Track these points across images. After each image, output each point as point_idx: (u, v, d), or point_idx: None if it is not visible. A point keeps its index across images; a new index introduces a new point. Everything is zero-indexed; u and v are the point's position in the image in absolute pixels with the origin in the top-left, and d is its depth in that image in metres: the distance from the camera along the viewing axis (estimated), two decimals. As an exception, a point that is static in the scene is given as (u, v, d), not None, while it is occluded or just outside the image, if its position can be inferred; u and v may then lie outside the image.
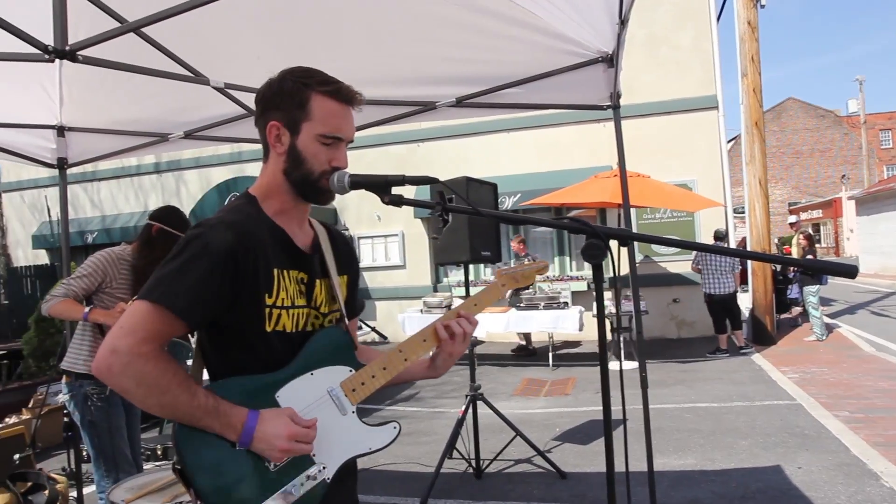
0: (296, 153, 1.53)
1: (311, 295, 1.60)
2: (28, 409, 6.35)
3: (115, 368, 1.34)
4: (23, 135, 3.99)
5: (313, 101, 1.53)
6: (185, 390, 1.37)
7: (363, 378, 1.58)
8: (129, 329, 1.37)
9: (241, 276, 1.43)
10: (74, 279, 3.36)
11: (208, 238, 1.42)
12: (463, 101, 3.70)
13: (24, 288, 13.21)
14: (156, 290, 1.39)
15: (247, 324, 1.47)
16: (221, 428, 1.39)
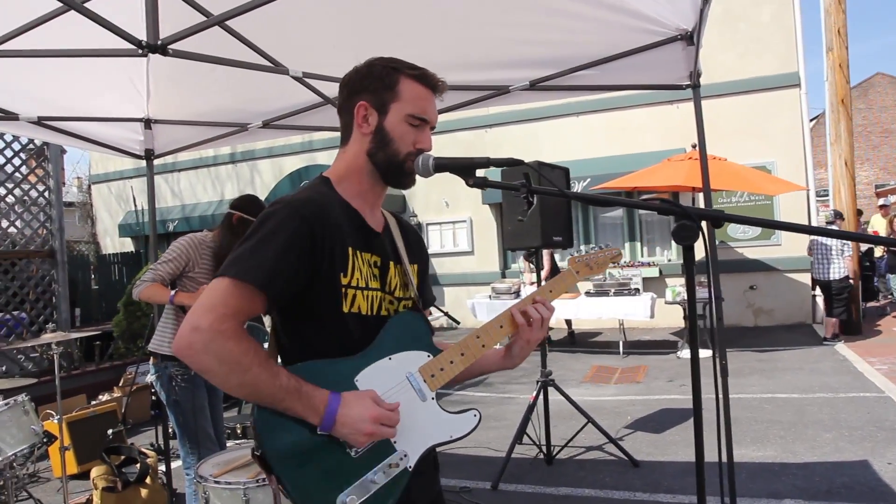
0: (383, 133, 1.55)
1: (384, 279, 1.59)
2: (118, 387, 6.72)
3: (196, 346, 1.31)
4: (114, 128, 4.20)
5: (402, 83, 1.55)
6: (268, 370, 1.34)
7: (442, 364, 1.56)
8: (209, 306, 1.34)
9: (317, 251, 1.42)
10: (161, 264, 3.51)
11: (284, 214, 1.42)
12: (537, 85, 3.65)
13: (112, 274, 13.97)
14: (234, 266, 1.37)
15: (324, 304, 1.46)
16: (304, 410, 1.35)
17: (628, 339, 9.60)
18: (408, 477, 1.46)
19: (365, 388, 1.44)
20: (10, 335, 7.03)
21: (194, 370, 1.35)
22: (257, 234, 1.40)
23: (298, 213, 1.42)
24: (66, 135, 4.09)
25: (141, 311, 7.96)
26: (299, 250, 1.39)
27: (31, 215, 7.54)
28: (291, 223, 1.40)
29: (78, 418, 5.21)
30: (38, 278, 7.53)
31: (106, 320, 10.16)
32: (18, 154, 7.60)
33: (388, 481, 1.42)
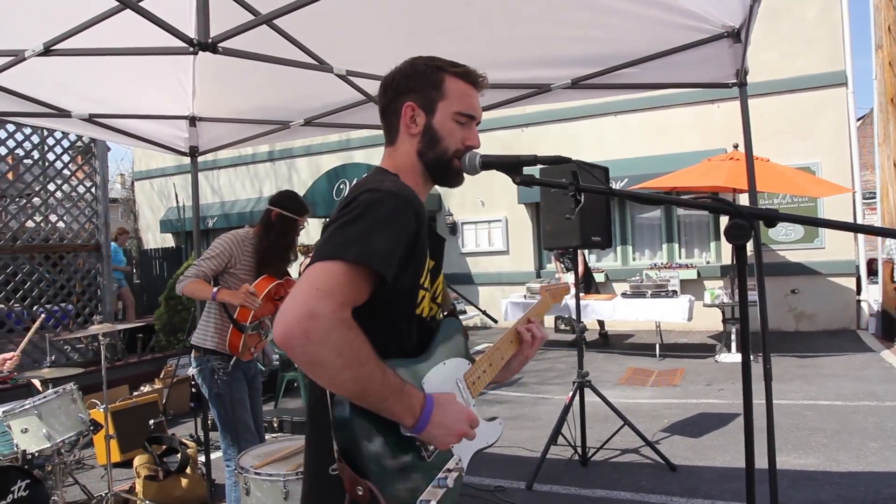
0: (432, 132, 1.55)
1: (434, 282, 1.58)
2: (159, 379, 6.88)
3: (314, 335, 1.18)
4: (160, 125, 4.30)
5: (447, 81, 1.55)
6: (380, 365, 1.26)
7: (478, 373, 1.61)
8: (327, 291, 1.22)
9: (416, 245, 1.39)
10: (203, 260, 3.54)
11: (396, 203, 1.36)
12: (578, 83, 3.63)
13: (153, 269, 14.30)
14: (351, 249, 1.26)
15: (401, 302, 1.42)
16: (402, 410, 1.30)
17: (665, 341, 9.47)
18: (461, 482, 1.49)
19: (430, 391, 1.41)
20: (57, 326, 7.25)
21: (299, 362, 1.22)
22: (367, 218, 1.31)
23: (411, 205, 1.38)
24: (115, 132, 4.20)
25: (182, 305, 8.13)
26: (406, 241, 1.35)
27: (78, 210, 7.76)
28: (405, 214, 1.36)
29: (121, 408, 5.35)
30: (84, 271, 7.76)
31: (147, 314, 10.41)
32: (67, 151, 7.83)
33: (452, 484, 1.44)
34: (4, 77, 3.18)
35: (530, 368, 8.65)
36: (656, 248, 11.92)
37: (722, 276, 10.63)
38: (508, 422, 6.12)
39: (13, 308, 7.06)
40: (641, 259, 12.02)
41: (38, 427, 3.71)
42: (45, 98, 3.69)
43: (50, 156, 7.62)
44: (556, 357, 9.43)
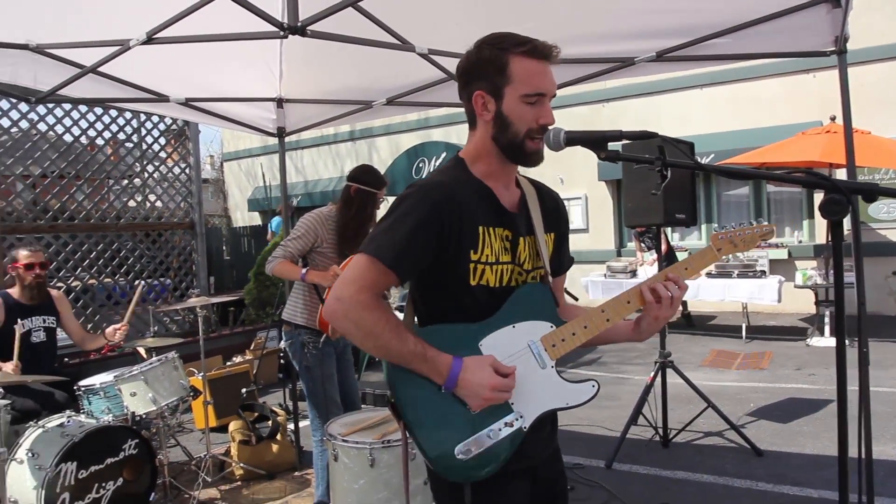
0: (502, 118, 1.59)
1: (515, 251, 1.65)
2: (250, 350, 7.24)
3: (339, 314, 1.51)
4: (250, 107, 4.49)
5: (512, 63, 1.57)
6: (396, 336, 1.50)
7: (563, 335, 1.62)
8: (350, 279, 1.53)
9: (445, 232, 1.53)
10: (290, 240, 3.62)
11: (416, 198, 1.55)
12: (664, 56, 3.52)
13: (242, 245, 14.95)
14: (371, 245, 1.54)
15: (452, 277, 1.58)
16: (429, 372, 1.51)
17: (752, 323, 9.13)
18: (522, 437, 1.55)
19: (487, 353, 1.55)
20: (157, 299, 7.73)
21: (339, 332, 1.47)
22: (392, 216, 1.56)
23: (429, 197, 1.55)
24: (209, 114, 4.42)
25: (270, 280, 8.49)
26: (426, 233, 1.52)
27: (174, 190, 8.20)
28: (422, 207, 1.54)
29: (217, 376, 5.67)
30: (180, 248, 8.22)
31: (237, 288, 10.92)
32: (164, 134, 8.28)
33: (503, 438, 1.52)
34: (110, 65, 3.40)
35: (610, 348, 8.54)
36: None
37: (815, 255, 10.09)
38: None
39: (118, 282, 7.58)
40: (728, 238, 11.56)
41: (145, 391, 4.00)
42: (146, 84, 3.92)
43: (147, 139, 8.08)
44: (636, 337, 9.26)
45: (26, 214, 6.74)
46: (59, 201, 7.13)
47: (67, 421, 3.71)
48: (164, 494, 4.08)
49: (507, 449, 1.53)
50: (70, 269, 7.03)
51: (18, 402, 3.90)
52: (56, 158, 7.05)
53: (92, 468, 3.55)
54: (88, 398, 4.08)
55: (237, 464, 4.45)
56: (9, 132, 6.60)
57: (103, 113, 7.33)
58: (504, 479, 1.55)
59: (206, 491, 4.21)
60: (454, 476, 1.53)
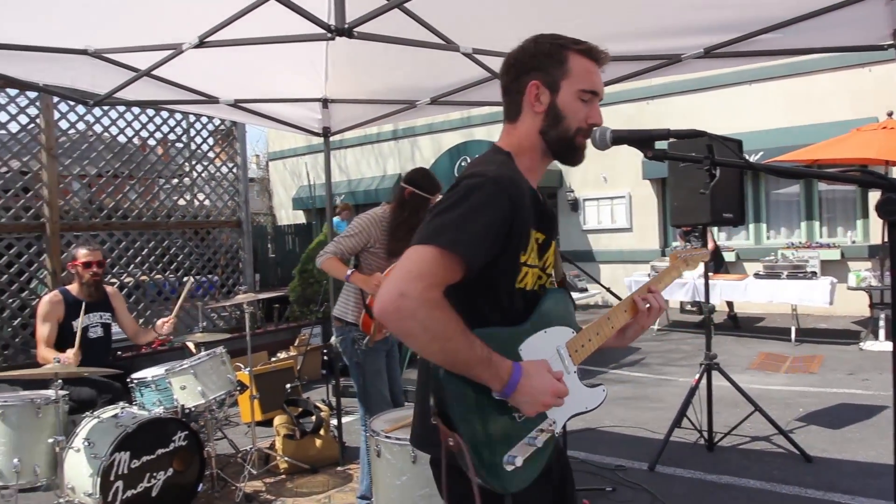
0: (556, 111, 1.57)
1: (543, 255, 1.62)
2: (294, 346, 7.37)
3: (403, 312, 1.34)
4: (296, 108, 4.57)
5: (571, 59, 1.56)
6: (466, 339, 1.37)
7: (583, 341, 1.64)
8: (416, 274, 1.36)
9: (513, 230, 1.46)
10: (343, 238, 3.66)
11: (492, 191, 1.44)
12: (712, 52, 3.46)
13: (286, 243, 15.22)
14: (442, 236, 1.39)
15: (502, 278, 1.51)
16: (489, 377, 1.40)
17: (801, 326, 8.89)
18: (554, 441, 1.56)
19: (527, 359, 1.49)
20: (205, 296, 7.93)
21: (394, 334, 1.38)
22: (464, 205, 1.42)
23: (506, 192, 1.45)
24: (256, 115, 4.52)
25: (314, 278, 8.63)
26: (500, 228, 1.44)
27: (222, 189, 8.40)
28: (499, 202, 1.43)
29: (262, 371, 5.78)
30: (227, 246, 8.41)
31: (282, 285, 11.11)
32: (212, 135, 8.48)
33: (542, 444, 1.50)
34: (163, 69, 3.51)
35: (654, 349, 8.43)
36: (794, 226, 11.13)
37: (870, 256, 9.76)
38: (630, 402, 6.02)
39: (168, 279, 7.80)
40: (776, 238, 11.28)
41: (194, 385, 4.12)
42: (197, 86, 4.03)
43: (196, 140, 8.29)
44: (680, 338, 9.12)
45: (83, 213, 7.00)
46: (113, 200, 7.38)
47: (121, 412, 3.84)
48: (211, 485, 4.19)
49: (545, 454, 1.52)
50: (123, 266, 7.26)
51: (75, 393, 4.06)
52: (110, 159, 7.29)
53: (144, 458, 3.67)
54: (141, 390, 4.21)
55: (282, 457, 4.54)
56: (67, 134, 6.86)
57: (155, 114, 7.56)
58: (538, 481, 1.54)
59: (252, 483, 4.31)
60: (504, 486, 1.44)
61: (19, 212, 6.35)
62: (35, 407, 3.63)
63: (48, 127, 6.46)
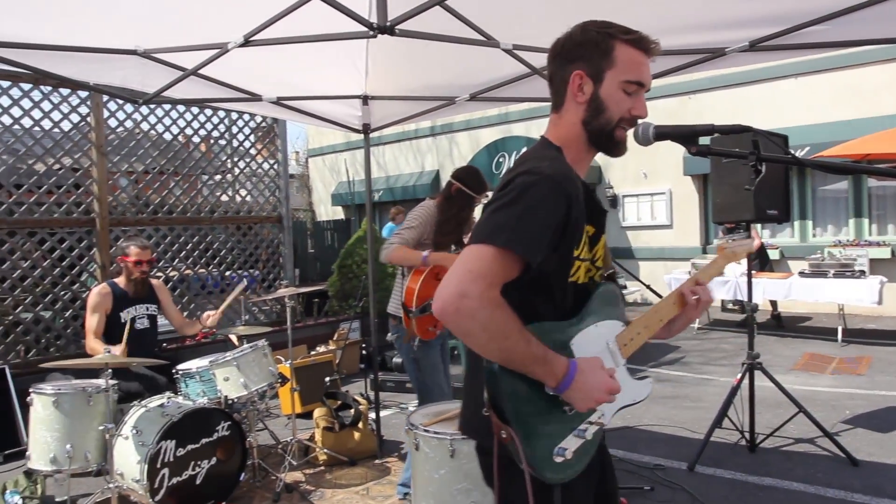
0: (598, 102, 1.55)
1: (593, 248, 1.62)
2: (333, 340, 7.46)
3: (463, 312, 1.35)
4: (337, 105, 4.63)
5: (617, 49, 1.54)
6: (523, 338, 1.39)
7: (632, 334, 1.65)
8: (476, 274, 1.37)
9: (568, 227, 1.47)
10: (406, 230, 3.72)
11: (548, 188, 1.44)
12: (757, 45, 3.38)
13: (325, 239, 15.41)
14: (501, 235, 1.39)
15: (556, 273, 1.52)
16: (544, 374, 1.42)
17: (849, 326, 8.64)
18: (602, 433, 1.59)
19: (578, 352, 1.51)
20: (246, 289, 8.09)
21: (453, 332, 1.41)
22: (520, 203, 1.42)
23: (563, 191, 1.45)
24: (298, 112, 4.59)
25: (352, 273, 8.72)
26: (556, 225, 1.44)
27: (263, 185, 8.55)
28: (556, 200, 1.44)
29: (302, 365, 5.88)
30: (268, 241, 8.56)
31: (321, 280, 11.26)
32: (254, 132, 8.64)
33: (591, 437, 1.52)
34: (209, 67, 3.59)
35: (693, 348, 8.31)
36: (841, 224, 10.82)
37: (923, 255, 9.45)
38: (669, 401, 5.95)
39: (211, 273, 7.98)
40: (823, 235, 10.98)
41: (237, 376, 4.22)
42: (241, 84, 4.11)
43: (239, 137, 8.45)
44: (721, 337, 8.96)
45: (130, 208, 7.20)
46: (159, 196, 7.58)
47: (167, 402, 3.97)
48: (252, 475, 4.29)
49: (594, 446, 1.56)
50: (168, 260, 7.45)
51: (123, 383, 4.20)
52: (156, 156, 7.49)
53: (189, 447, 3.78)
54: (185, 381, 4.33)
55: (321, 449, 4.62)
56: (115, 131, 7.07)
57: (199, 112, 7.73)
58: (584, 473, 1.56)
59: (292, 474, 4.40)
60: (554, 477, 1.47)
61: (71, 207, 6.57)
62: (87, 395, 3.78)
63: (98, 125, 6.66)
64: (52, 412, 3.72)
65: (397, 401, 6.42)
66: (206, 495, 3.83)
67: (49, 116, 6.40)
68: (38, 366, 4.60)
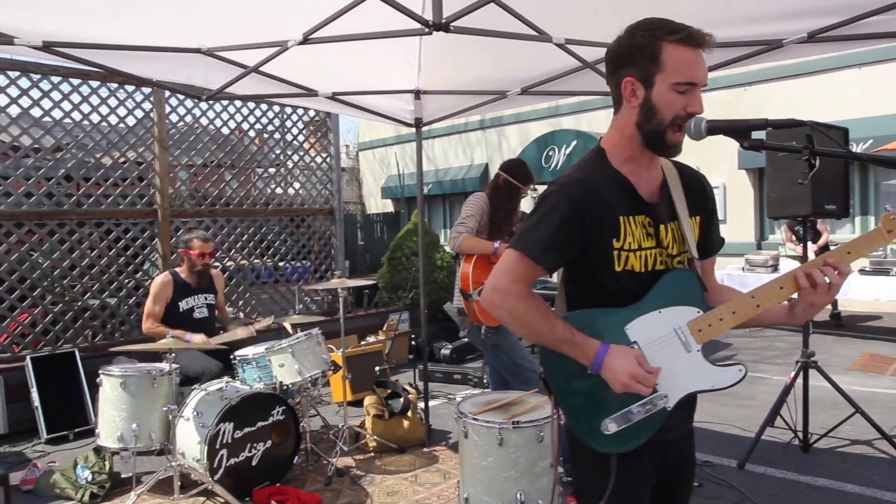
0: (650, 105, 1.59)
1: (658, 237, 1.69)
2: (382, 331, 7.60)
3: (495, 302, 1.67)
4: (389, 99, 4.72)
5: (665, 51, 1.56)
6: (547, 323, 1.63)
7: (710, 320, 1.65)
8: (503, 272, 1.67)
9: (585, 225, 1.62)
10: (468, 219, 3.84)
11: (558, 196, 1.64)
12: (816, 37, 3.31)
13: (375, 231, 15.62)
14: (519, 241, 1.67)
15: (598, 265, 1.66)
16: (577, 354, 1.61)
17: None
18: (664, 416, 1.63)
19: (633, 336, 1.63)
20: (299, 280, 8.30)
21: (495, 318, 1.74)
22: (538, 212, 1.67)
23: (569, 194, 1.63)
24: (351, 107, 4.69)
25: (402, 265, 8.84)
26: (570, 227, 1.62)
27: (316, 178, 8.73)
28: (563, 204, 1.63)
29: (353, 354, 6.02)
30: (320, 233, 8.75)
31: (370, 272, 11.44)
32: (307, 126, 8.83)
33: (647, 416, 1.60)
34: (268, 64, 3.72)
35: (746, 346, 8.15)
36: (905, 221, 10.39)
37: None
38: (718, 398, 5.86)
39: (265, 263, 8.21)
40: (886, 232, 10.56)
41: (292, 363, 4.36)
42: (298, 80, 4.24)
43: (293, 131, 8.65)
44: (776, 335, 8.74)
45: (189, 200, 7.47)
46: (217, 188, 7.83)
47: (225, 386, 4.14)
48: (305, 459, 4.44)
49: (652, 425, 1.62)
50: (224, 251, 7.70)
51: (184, 367, 4.39)
52: (214, 150, 7.74)
53: (246, 429, 3.94)
54: (243, 367, 4.50)
55: (371, 436, 4.74)
56: (176, 126, 7.34)
57: (255, 107, 7.95)
58: (644, 450, 1.64)
59: (343, 459, 4.52)
60: (603, 448, 1.64)
61: (135, 199, 6.86)
62: (151, 378, 3.97)
63: (160, 120, 6.93)
64: (120, 393, 3.92)
65: (445, 391, 6.51)
66: (262, 476, 3.99)
67: (115, 112, 6.69)
68: (109, 349, 4.85)
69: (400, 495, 3.99)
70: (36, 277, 6.16)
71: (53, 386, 5.48)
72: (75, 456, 4.32)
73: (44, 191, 6.29)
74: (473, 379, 6.60)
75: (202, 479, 3.76)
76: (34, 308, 6.16)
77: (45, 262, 6.29)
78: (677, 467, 1.79)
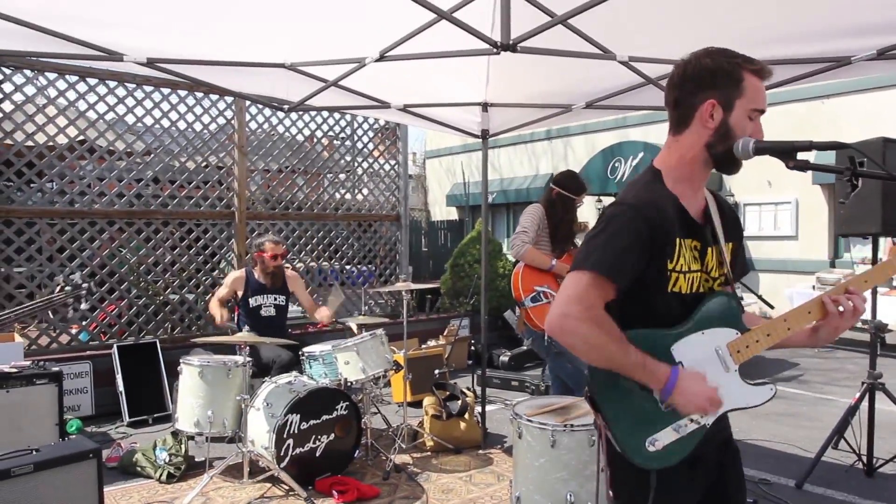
0: (727, 128, 1.66)
1: (703, 260, 1.76)
2: (443, 336, 7.77)
3: (566, 329, 1.62)
4: (458, 112, 4.90)
5: (746, 79, 1.65)
6: (621, 348, 1.61)
7: (748, 342, 1.73)
8: (575, 298, 1.62)
9: (653, 247, 1.65)
10: (528, 231, 3.98)
11: (630, 216, 1.65)
12: (886, 54, 3.29)
13: (439, 238, 15.86)
14: (588, 260, 1.64)
15: (652, 286, 1.69)
16: (647, 379, 1.63)
17: None
18: (703, 433, 1.69)
19: (679, 357, 1.68)
20: (365, 283, 8.58)
21: (562, 345, 1.68)
22: (606, 232, 1.66)
23: (641, 215, 1.65)
24: (421, 118, 4.90)
25: (464, 272, 9.01)
26: (640, 247, 1.64)
27: (384, 185, 9.02)
28: (636, 224, 1.64)
29: (414, 356, 6.21)
30: (386, 238, 9.01)
31: (433, 278, 11.65)
32: (377, 134, 9.15)
33: (688, 434, 1.67)
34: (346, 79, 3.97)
35: (814, 366, 7.92)
36: None
37: None
38: (782, 417, 5.75)
39: (333, 265, 8.53)
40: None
41: (356, 361, 4.58)
42: (373, 93, 4.47)
43: (363, 139, 8.97)
44: (847, 357, 8.46)
45: (264, 203, 7.87)
46: (290, 192, 8.21)
47: (294, 380, 4.39)
48: (365, 454, 4.64)
49: (692, 443, 1.68)
50: (295, 253, 8.06)
51: (256, 360, 4.67)
52: (289, 156, 8.12)
53: (311, 422, 4.17)
54: (310, 363, 4.75)
55: (429, 435, 4.90)
56: (255, 133, 7.75)
57: (328, 115, 8.30)
58: (684, 465, 1.69)
59: (401, 456, 4.69)
60: (646, 464, 1.66)
61: (214, 201, 7.28)
62: (226, 368, 4.25)
63: (240, 127, 7.35)
64: (198, 381, 4.22)
65: (502, 397, 6.62)
66: (324, 467, 4.21)
67: (200, 119, 7.14)
68: (190, 340, 5.19)
69: (454, 493, 4.13)
70: (123, 272, 6.63)
71: (136, 373, 5.90)
72: (154, 438, 4.65)
73: (134, 192, 6.77)
74: (531, 386, 6.68)
75: (269, 466, 4.00)
76: (121, 300, 6.64)
77: (132, 257, 6.77)
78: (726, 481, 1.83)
